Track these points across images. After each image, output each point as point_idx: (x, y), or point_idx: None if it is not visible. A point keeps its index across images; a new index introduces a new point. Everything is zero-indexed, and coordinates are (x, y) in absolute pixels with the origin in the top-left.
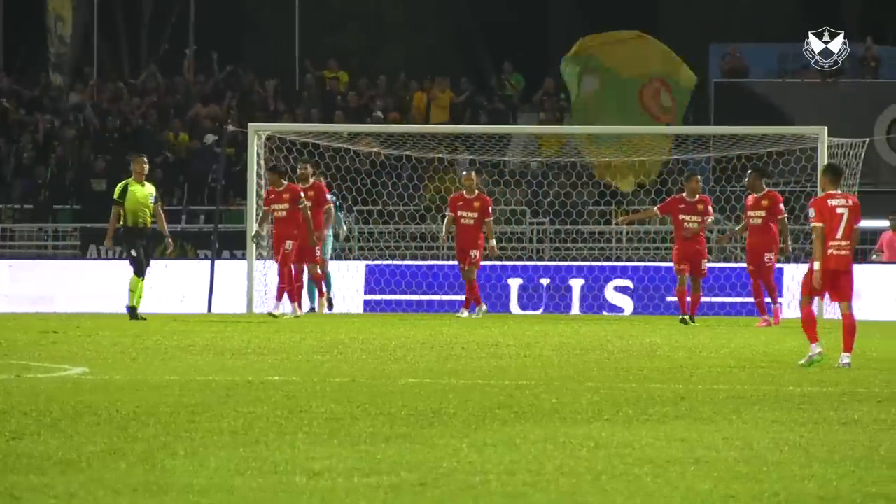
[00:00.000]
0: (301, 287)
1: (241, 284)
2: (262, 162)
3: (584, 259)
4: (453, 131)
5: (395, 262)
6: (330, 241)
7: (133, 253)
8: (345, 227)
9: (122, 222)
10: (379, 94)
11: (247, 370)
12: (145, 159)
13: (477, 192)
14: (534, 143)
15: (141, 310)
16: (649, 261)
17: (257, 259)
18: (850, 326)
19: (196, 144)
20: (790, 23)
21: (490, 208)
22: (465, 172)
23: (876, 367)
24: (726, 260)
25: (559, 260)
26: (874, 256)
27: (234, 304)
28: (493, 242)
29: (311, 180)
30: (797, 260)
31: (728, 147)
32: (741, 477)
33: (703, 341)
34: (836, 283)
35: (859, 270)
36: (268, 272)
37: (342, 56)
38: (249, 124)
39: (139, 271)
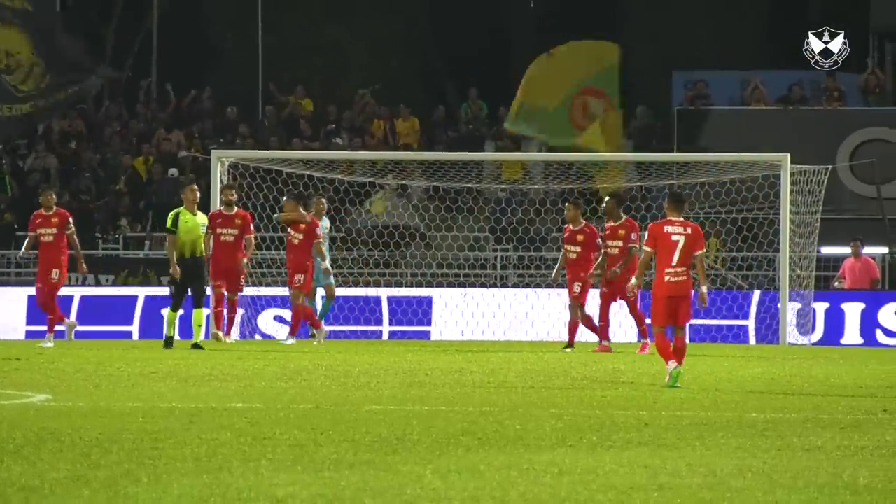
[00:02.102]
0: (232, 316)
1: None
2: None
3: (549, 286)
4: (416, 158)
5: (360, 293)
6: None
7: (172, 288)
8: (328, 258)
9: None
10: (341, 122)
11: (210, 397)
12: (196, 187)
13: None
14: (497, 170)
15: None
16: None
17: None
18: (680, 349)
19: (159, 171)
20: (753, 51)
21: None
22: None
23: (839, 394)
24: None
25: (523, 286)
26: (836, 284)
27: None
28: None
29: (235, 208)
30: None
31: (691, 174)
32: (705, 503)
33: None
34: (674, 309)
35: (820, 297)
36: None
37: (305, 84)
38: (213, 151)
39: (175, 305)
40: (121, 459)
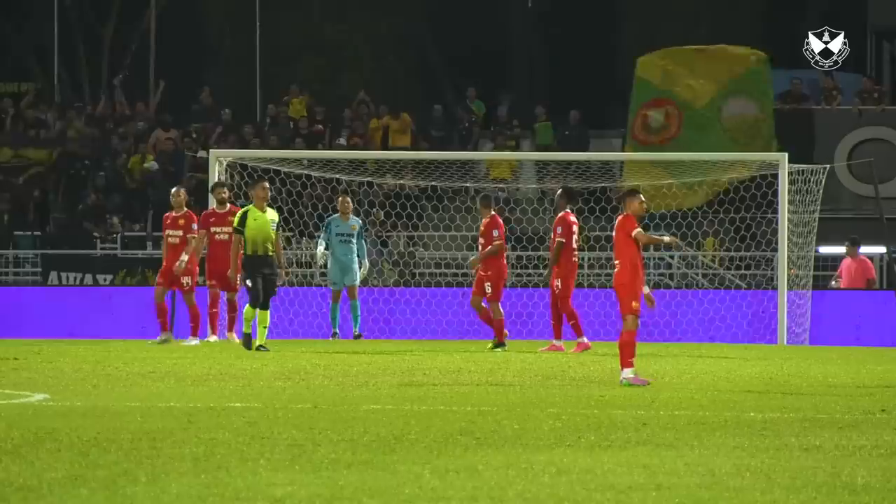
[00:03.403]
0: (216, 314)
1: (203, 311)
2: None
3: (546, 286)
4: (414, 158)
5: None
6: (359, 269)
7: (248, 283)
8: (366, 263)
9: (243, 251)
10: (339, 121)
11: (208, 396)
12: (267, 185)
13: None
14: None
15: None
16: (610, 287)
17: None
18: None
19: (156, 171)
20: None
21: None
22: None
23: (837, 394)
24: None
25: (521, 286)
26: (833, 283)
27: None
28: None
29: (228, 206)
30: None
31: (690, 173)
32: (703, 503)
33: (665, 367)
34: None
35: (818, 297)
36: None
37: (303, 83)
38: (210, 150)
39: (254, 302)
40: (119, 459)
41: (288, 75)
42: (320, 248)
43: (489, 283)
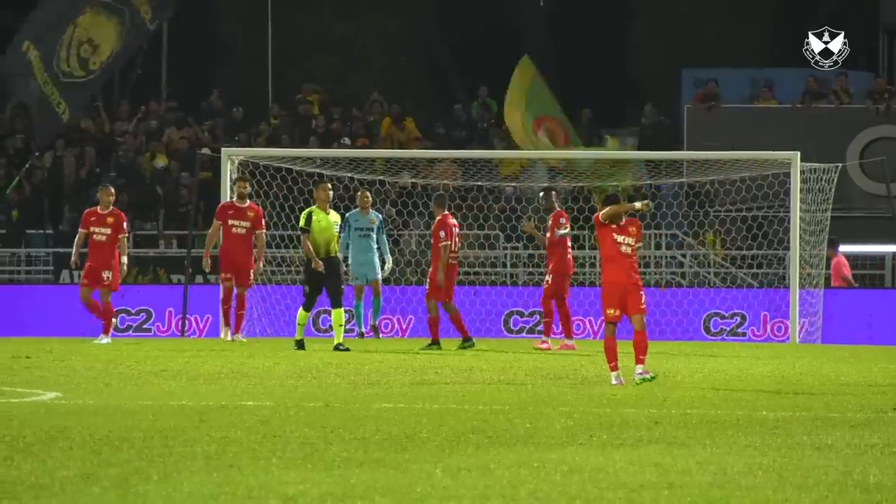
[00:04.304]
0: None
1: (215, 309)
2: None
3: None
4: (424, 156)
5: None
6: (381, 264)
7: (306, 289)
8: (389, 259)
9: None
10: (350, 120)
11: (220, 395)
12: (329, 185)
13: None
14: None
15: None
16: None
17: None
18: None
19: (172, 169)
20: (761, 49)
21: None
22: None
23: (849, 392)
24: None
25: (533, 285)
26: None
27: (207, 329)
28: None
29: (248, 201)
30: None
31: (701, 172)
32: (715, 501)
33: (677, 366)
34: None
35: (830, 296)
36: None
37: (315, 82)
38: (222, 149)
39: (308, 306)
40: (131, 457)
41: (300, 74)
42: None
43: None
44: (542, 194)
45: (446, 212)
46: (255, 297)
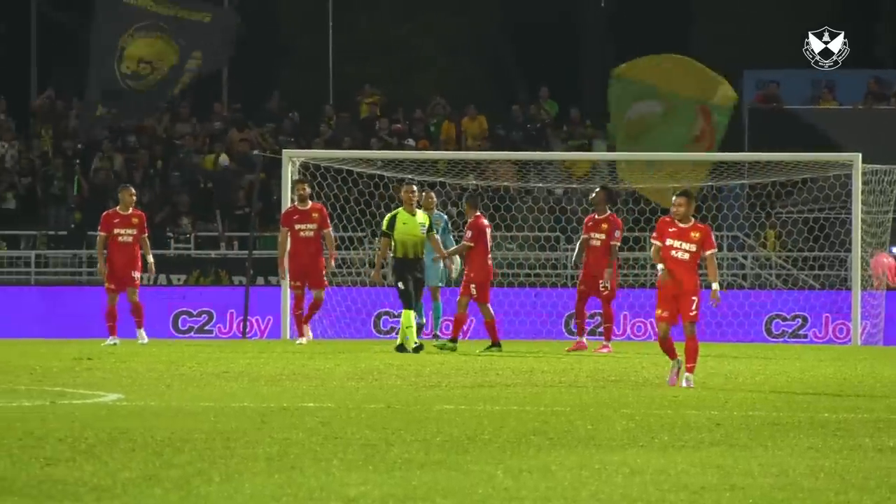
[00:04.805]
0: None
1: (276, 311)
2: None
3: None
4: (484, 158)
5: None
6: (437, 267)
7: (401, 286)
8: (457, 260)
9: (392, 253)
10: (411, 122)
11: (282, 396)
12: (415, 188)
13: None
14: (564, 170)
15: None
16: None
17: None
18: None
19: (232, 170)
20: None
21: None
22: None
23: None
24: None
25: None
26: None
27: (269, 331)
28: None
29: (310, 203)
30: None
31: (762, 174)
32: (777, 503)
33: (739, 368)
34: None
35: (892, 297)
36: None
37: (376, 83)
38: (283, 151)
39: (407, 304)
40: (193, 459)
41: (361, 76)
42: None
43: (474, 285)
44: (596, 190)
45: (479, 212)
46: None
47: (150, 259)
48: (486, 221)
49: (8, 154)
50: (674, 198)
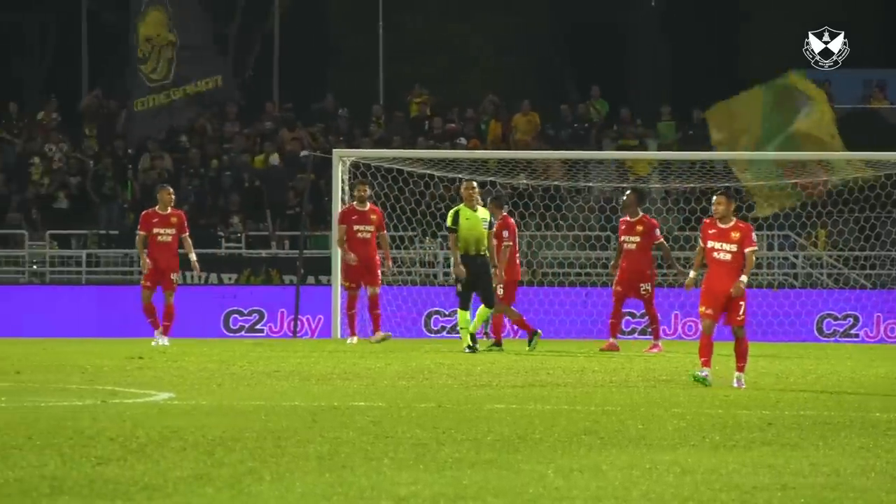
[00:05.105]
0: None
1: (326, 310)
2: (347, 188)
3: (670, 285)
4: (535, 157)
5: None
6: None
7: (459, 287)
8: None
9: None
10: (462, 121)
11: (332, 395)
12: (475, 184)
13: None
14: (619, 169)
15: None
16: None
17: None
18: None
19: (282, 170)
20: (873, 50)
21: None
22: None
23: None
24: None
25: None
26: None
27: (319, 330)
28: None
29: (368, 204)
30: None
31: (813, 173)
32: (828, 503)
33: (790, 367)
34: None
35: None
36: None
37: (426, 83)
38: (333, 150)
39: (463, 305)
40: (244, 458)
41: (411, 74)
42: None
43: (501, 285)
44: (627, 193)
45: (505, 213)
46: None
47: (193, 257)
48: (513, 221)
49: (58, 154)
50: (714, 197)
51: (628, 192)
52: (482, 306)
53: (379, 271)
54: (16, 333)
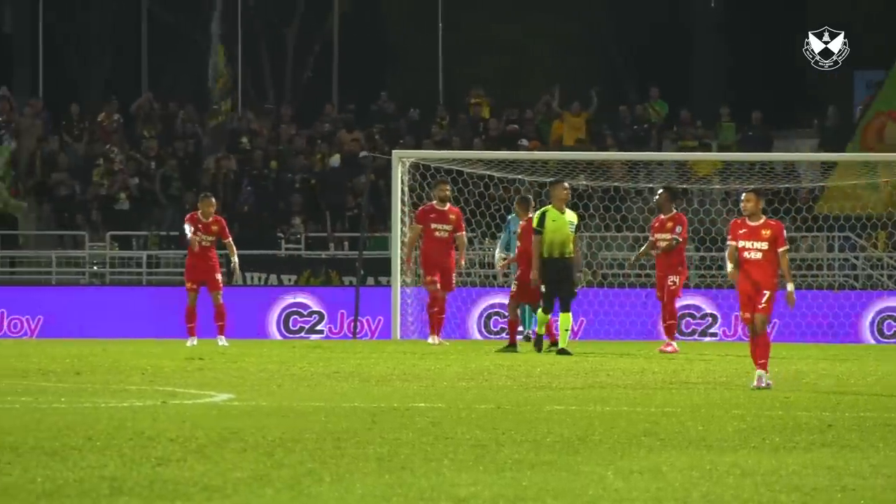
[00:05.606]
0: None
1: (386, 311)
2: (406, 188)
3: (731, 286)
4: (595, 158)
5: None
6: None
7: (542, 288)
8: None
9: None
10: (522, 122)
11: (392, 396)
12: (566, 185)
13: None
14: (679, 170)
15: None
16: (795, 288)
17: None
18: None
19: (342, 171)
20: None
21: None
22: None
23: None
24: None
25: (705, 287)
26: None
27: (379, 331)
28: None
29: (448, 205)
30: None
31: (874, 173)
32: None
33: (850, 369)
34: None
35: None
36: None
37: (485, 84)
38: (393, 151)
39: (547, 307)
40: (303, 459)
41: (470, 76)
42: (498, 253)
43: (516, 283)
44: (660, 192)
45: (531, 215)
46: (424, 298)
47: (235, 260)
48: None
49: (119, 156)
50: (743, 195)
51: (661, 190)
52: (540, 309)
53: (453, 276)
54: (76, 334)
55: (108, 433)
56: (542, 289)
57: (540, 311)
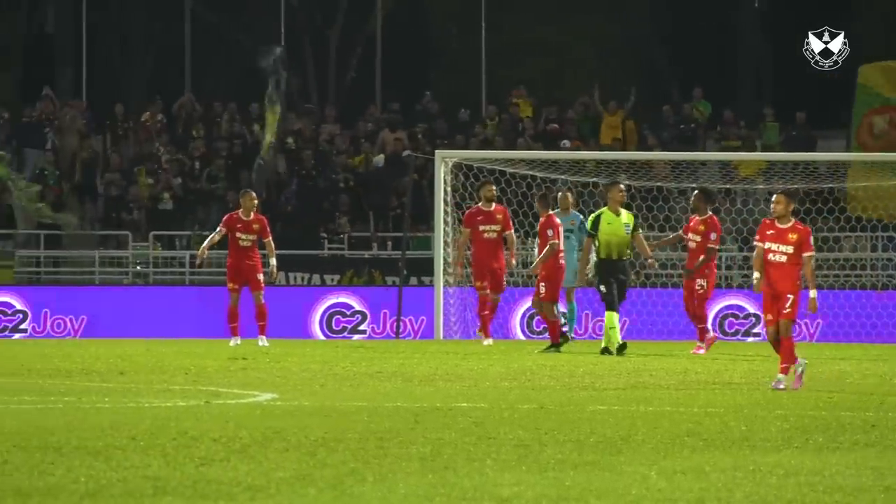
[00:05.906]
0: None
1: (429, 311)
2: (449, 188)
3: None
4: (637, 158)
5: None
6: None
7: (602, 289)
8: (592, 258)
9: (595, 255)
10: (564, 123)
11: (435, 396)
12: (622, 187)
13: None
14: (723, 170)
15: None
16: (839, 288)
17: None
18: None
19: (385, 171)
20: None
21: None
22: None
23: None
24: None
25: (747, 287)
26: None
27: (422, 331)
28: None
29: (494, 205)
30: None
31: None
32: None
33: (894, 369)
34: None
35: None
36: (455, 299)
37: (528, 84)
38: (436, 151)
39: (610, 306)
40: (346, 459)
41: (513, 77)
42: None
43: (543, 284)
44: (695, 193)
45: (551, 212)
46: (467, 298)
47: (273, 261)
48: (558, 220)
49: (165, 156)
50: (774, 196)
51: (696, 192)
52: (608, 312)
53: (504, 277)
54: (119, 334)
55: (152, 433)
56: (602, 289)
57: (607, 311)
